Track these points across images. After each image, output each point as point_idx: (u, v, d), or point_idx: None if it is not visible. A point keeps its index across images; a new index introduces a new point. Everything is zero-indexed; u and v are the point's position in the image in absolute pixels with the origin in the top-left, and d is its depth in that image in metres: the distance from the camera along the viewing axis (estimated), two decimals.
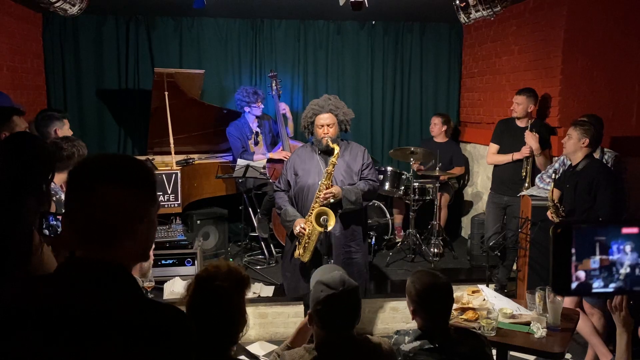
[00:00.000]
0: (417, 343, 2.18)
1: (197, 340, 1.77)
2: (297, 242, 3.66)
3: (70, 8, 4.05)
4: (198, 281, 1.81)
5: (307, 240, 3.55)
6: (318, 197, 3.53)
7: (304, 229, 3.54)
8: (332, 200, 3.52)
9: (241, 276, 1.84)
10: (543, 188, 4.33)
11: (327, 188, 3.54)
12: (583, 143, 3.66)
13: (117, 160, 1.22)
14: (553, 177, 3.97)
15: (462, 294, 3.12)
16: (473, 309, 2.99)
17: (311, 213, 3.50)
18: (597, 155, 3.92)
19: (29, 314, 1.09)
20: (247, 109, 5.45)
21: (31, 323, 1.09)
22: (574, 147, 3.71)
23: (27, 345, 1.07)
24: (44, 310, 1.09)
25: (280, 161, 5.33)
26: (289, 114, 5.72)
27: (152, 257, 2.65)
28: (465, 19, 4.24)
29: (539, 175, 4.45)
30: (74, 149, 3.04)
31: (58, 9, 3.98)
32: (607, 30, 4.60)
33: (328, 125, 3.65)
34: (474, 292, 3.18)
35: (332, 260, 3.45)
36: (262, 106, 5.49)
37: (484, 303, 3.04)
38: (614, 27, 4.60)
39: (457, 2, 4.12)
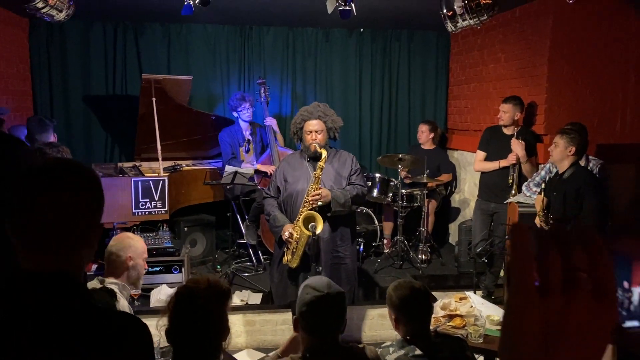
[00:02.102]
0: (402, 352, 2.20)
1: (180, 353, 1.77)
2: (285, 248, 3.65)
3: (58, 14, 4.02)
4: (178, 298, 1.81)
5: (295, 246, 3.54)
6: (306, 201, 3.53)
7: (292, 235, 3.53)
8: (320, 203, 3.51)
9: (221, 289, 1.84)
10: (529, 196, 4.37)
11: None
12: (570, 151, 3.70)
13: (64, 166, 1.15)
14: (543, 186, 4.00)
15: (449, 300, 3.13)
16: (460, 315, 3.01)
17: (299, 218, 3.49)
18: (582, 162, 3.96)
19: None
20: (234, 114, 5.46)
21: None
22: (560, 155, 3.75)
23: None
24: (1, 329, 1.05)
25: (266, 174, 5.31)
26: (276, 128, 5.70)
27: (145, 266, 2.62)
28: (452, 27, 4.27)
29: (525, 183, 4.49)
30: (58, 155, 3.02)
31: (45, 15, 3.95)
32: (592, 39, 4.67)
33: (316, 132, 3.65)
34: (461, 299, 3.19)
35: (320, 268, 3.44)
36: (251, 109, 5.47)
37: (471, 310, 3.05)
38: (599, 36, 4.67)
39: (445, 11, 4.15)
